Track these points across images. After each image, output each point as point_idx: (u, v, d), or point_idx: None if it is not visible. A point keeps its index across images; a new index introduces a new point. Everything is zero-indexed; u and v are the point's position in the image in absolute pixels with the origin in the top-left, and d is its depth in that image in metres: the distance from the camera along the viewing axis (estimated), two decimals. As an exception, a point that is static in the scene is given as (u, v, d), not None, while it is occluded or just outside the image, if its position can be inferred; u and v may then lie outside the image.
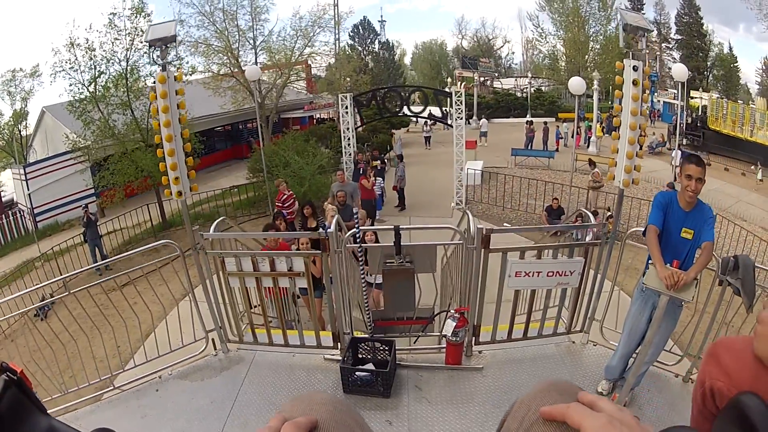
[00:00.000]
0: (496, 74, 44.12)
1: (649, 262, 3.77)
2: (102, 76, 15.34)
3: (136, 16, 15.32)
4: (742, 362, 1.32)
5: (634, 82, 3.84)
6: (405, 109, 14.73)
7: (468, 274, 4.57)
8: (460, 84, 41.45)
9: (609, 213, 12.30)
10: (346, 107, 14.87)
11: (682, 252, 3.72)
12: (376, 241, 6.89)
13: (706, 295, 4.50)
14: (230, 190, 20.11)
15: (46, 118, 22.28)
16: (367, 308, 4.87)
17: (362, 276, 4.87)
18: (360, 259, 4.81)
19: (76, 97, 14.86)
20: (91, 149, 15.63)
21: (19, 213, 20.31)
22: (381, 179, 14.13)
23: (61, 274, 12.49)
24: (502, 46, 53.54)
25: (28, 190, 19.18)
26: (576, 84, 13.27)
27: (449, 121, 15.04)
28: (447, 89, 36.12)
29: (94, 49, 15.16)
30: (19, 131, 24.66)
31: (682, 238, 3.70)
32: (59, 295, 9.67)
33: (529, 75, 39.22)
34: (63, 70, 15.20)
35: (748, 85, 41.04)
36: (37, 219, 19.31)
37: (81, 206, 19.58)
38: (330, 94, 26.97)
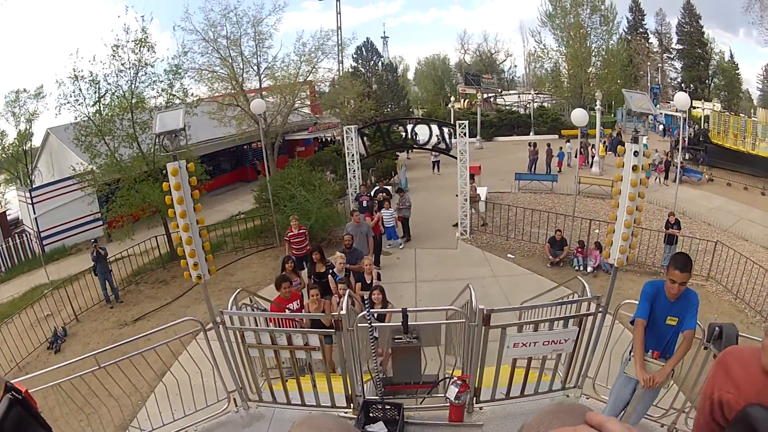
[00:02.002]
0: (500, 90, 44.41)
1: (631, 353, 4.11)
2: (103, 101, 15.22)
3: (139, 49, 15.29)
4: (750, 374, 1.33)
5: (634, 168, 4.05)
6: (409, 139, 15.02)
7: (470, 347, 4.81)
8: (464, 101, 42.00)
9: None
10: (351, 139, 15.11)
11: (666, 337, 4.05)
12: (384, 301, 7.12)
13: (692, 357, 4.74)
14: (236, 217, 20.37)
15: (51, 140, 22.37)
16: (377, 373, 5.13)
17: (370, 333, 5.12)
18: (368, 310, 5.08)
19: (82, 132, 14.80)
20: (97, 174, 15.58)
21: (26, 236, 20.36)
22: (392, 211, 14.26)
23: (71, 303, 12.78)
24: (504, 60, 53.97)
25: (35, 213, 19.25)
26: (579, 116, 13.46)
27: (452, 150, 15.27)
28: (450, 106, 36.64)
29: (98, 82, 15.18)
30: (24, 153, 24.91)
31: (667, 325, 3.99)
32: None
33: (533, 92, 39.34)
34: (68, 102, 15.21)
35: (749, 92, 41.09)
36: (44, 243, 19.38)
37: (89, 238, 19.89)
38: (333, 114, 27.20)
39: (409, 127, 15.81)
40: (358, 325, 4.81)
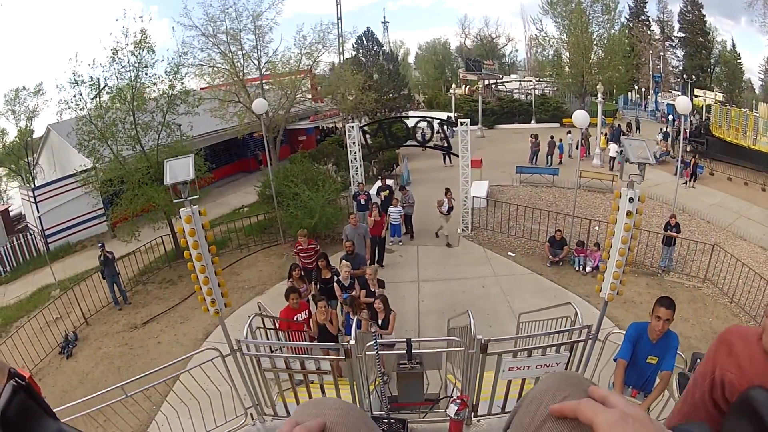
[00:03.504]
0: (500, 76, 44.25)
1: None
2: (104, 103, 15.10)
3: (139, 52, 15.06)
4: (753, 354, 1.29)
5: (628, 214, 4.22)
6: (411, 140, 15.11)
7: (469, 371, 5.06)
8: (465, 87, 41.91)
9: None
10: (353, 136, 15.19)
11: (646, 374, 4.43)
12: (387, 308, 7.36)
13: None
14: (240, 211, 20.51)
15: (51, 136, 22.38)
16: (382, 393, 5.40)
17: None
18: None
19: (85, 137, 14.69)
20: (98, 172, 15.52)
21: (30, 234, 20.41)
22: (400, 209, 14.36)
23: (79, 305, 12.94)
24: (505, 45, 53.72)
25: (38, 212, 19.30)
26: (580, 118, 13.55)
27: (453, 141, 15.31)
28: (451, 93, 36.59)
29: (98, 87, 15.06)
30: (25, 149, 24.96)
31: (647, 363, 4.32)
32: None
33: (534, 81, 39.20)
34: (69, 107, 15.06)
35: (752, 81, 40.88)
36: (49, 241, 19.47)
37: (93, 234, 20.11)
38: (334, 103, 27.07)
39: (411, 121, 15.84)
40: (367, 353, 5.06)
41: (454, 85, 39.82)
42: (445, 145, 15.38)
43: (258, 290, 12.81)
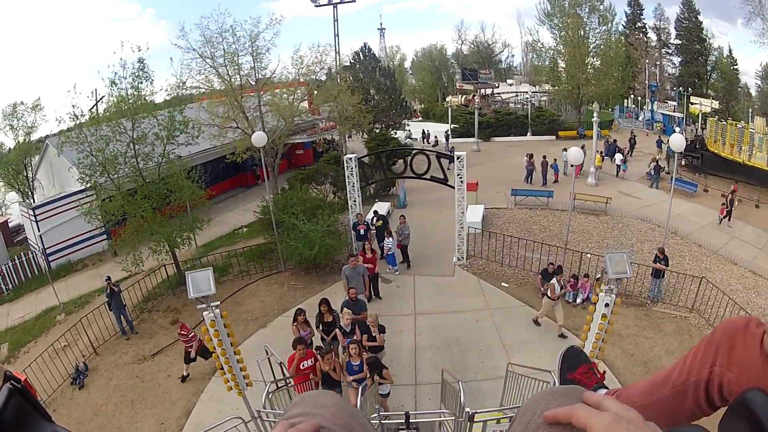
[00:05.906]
0: (497, 85, 44.62)
1: None
2: (106, 139, 14.95)
3: (138, 83, 15.23)
4: (752, 355, 1.23)
5: (603, 316, 4.66)
6: (408, 171, 15.39)
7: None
8: (461, 97, 42.27)
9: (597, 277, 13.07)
10: (352, 168, 15.50)
11: None
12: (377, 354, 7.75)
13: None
14: (240, 231, 20.83)
15: (49, 150, 22.53)
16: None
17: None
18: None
19: (87, 170, 14.83)
20: (99, 196, 15.55)
21: (31, 252, 20.60)
22: (391, 239, 14.70)
23: (86, 333, 13.23)
24: (501, 51, 54.22)
25: (39, 231, 19.54)
26: (574, 155, 13.88)
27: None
28: (447, 104, 36.89)
29: (99, 122, 15.14)
30: (25, 165, 25.18)
31: None
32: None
33: (529, 91, 39.53)
34: (69, 141, 14.96)
35: (748, 86, 41.07)
36: (50, 259, 19.67)
37: (94, 252, 20.51)
38: (330, 115, 27.19)
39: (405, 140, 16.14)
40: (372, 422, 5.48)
41: (450, 96, 40.15)
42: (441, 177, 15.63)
43: (261, 322, 13.12)
